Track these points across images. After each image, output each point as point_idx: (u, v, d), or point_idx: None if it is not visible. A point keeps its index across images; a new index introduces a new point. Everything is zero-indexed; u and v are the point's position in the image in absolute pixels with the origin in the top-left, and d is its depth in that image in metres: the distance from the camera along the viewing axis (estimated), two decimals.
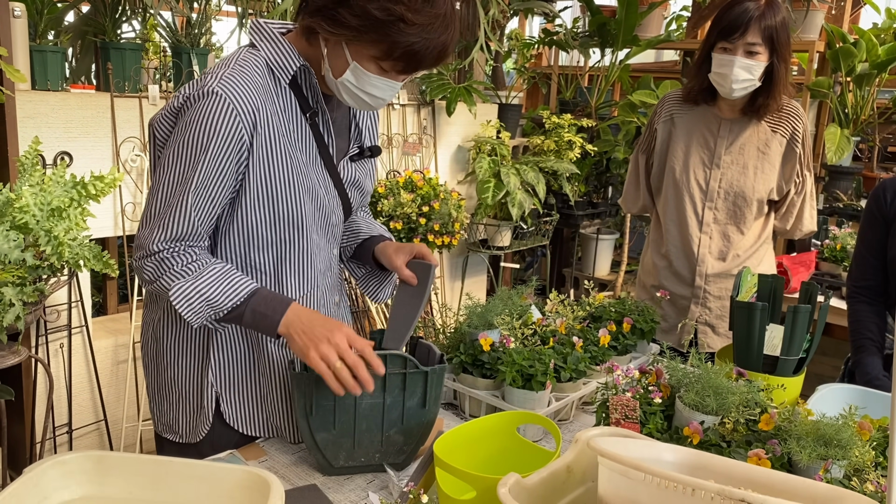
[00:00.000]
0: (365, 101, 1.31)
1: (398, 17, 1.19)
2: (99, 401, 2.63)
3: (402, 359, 1.27)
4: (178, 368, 1.43)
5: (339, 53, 1.26)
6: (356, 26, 1.20)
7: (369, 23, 1.19)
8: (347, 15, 1.20)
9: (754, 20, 1.94)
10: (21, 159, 2.13)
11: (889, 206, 1.85)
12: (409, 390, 1.29)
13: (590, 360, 1.58)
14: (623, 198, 2.40)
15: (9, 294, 1.94)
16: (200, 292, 1.25)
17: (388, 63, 1.25)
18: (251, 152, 1.27)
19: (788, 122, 2.10)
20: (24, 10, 2.33)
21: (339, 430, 1.29)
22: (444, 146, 3.73)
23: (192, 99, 1.24)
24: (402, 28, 1.19)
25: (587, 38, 4.34)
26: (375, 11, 1.18)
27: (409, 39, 1.20)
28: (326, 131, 1.38)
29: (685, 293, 2.19)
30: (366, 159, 1.47)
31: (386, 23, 1.19)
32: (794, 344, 1.51)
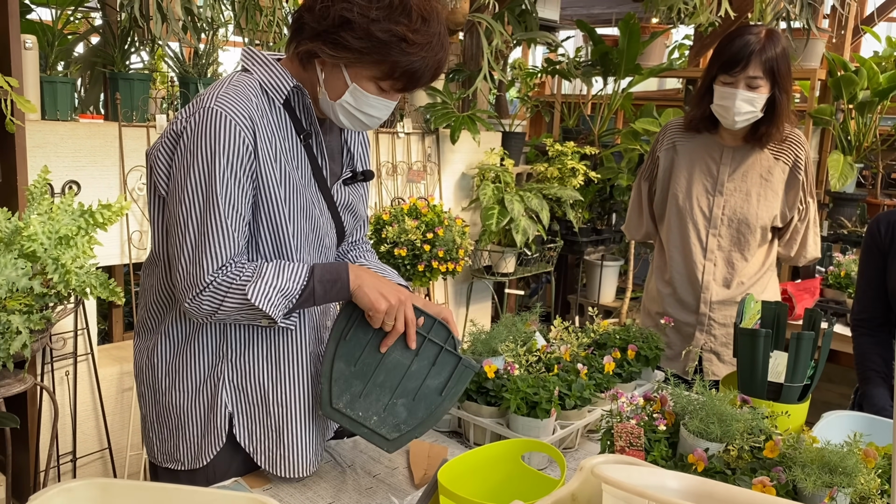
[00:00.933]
0: (361, 122, 1.34)
1: (400, 38, 1.23)
2: (103, 429, 2.63)
3: (446, 332, 1.31)
4: (184, 392, 1.42)
5: (338, 76, 1.29)
6: (359, 48, 1.24)
7: (372, 45, 1.23)
8: (350, 38, 1.23)
9: (755, 54, 1.96)
10: (30, 188, 2.15)
11: (884, 239, 1.88)
12: (436, 367, 1.31)
13: (594, 387, 1.58)
14: (626, 225, 2.41)
15: (16, 322, 1.95)
16: (273, 286, 1.27)
17: (387, 83, 1.29)
18: (256, 161, 1.28)
19: (791, 150, 2.12)
20: (35, 42, 2.37)
21: (358, 368, 1.32)
22: (449, 173, 3.76)
23: (191, 121, 1.26)
24: (404, 48, 1.24)
25: (590, 67, 4.38)
26: (378, 33, 1.22)
27: (410, 59, 1.25)
28: (320, 153, 1.39)
29: (690, 320, 2.20)
30: (358, 183, 1.48)
31: (388, 44, 1.23)
32: (798, 371, 1.51)
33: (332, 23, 1.23)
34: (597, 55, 4.31)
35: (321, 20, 1.25)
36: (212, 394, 1.40)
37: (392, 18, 1.22)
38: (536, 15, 4.18)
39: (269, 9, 2.83)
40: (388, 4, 1.22)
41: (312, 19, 1.26)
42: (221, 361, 1.39)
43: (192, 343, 1.40)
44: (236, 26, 2.89)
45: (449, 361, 1.31)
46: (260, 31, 2.88)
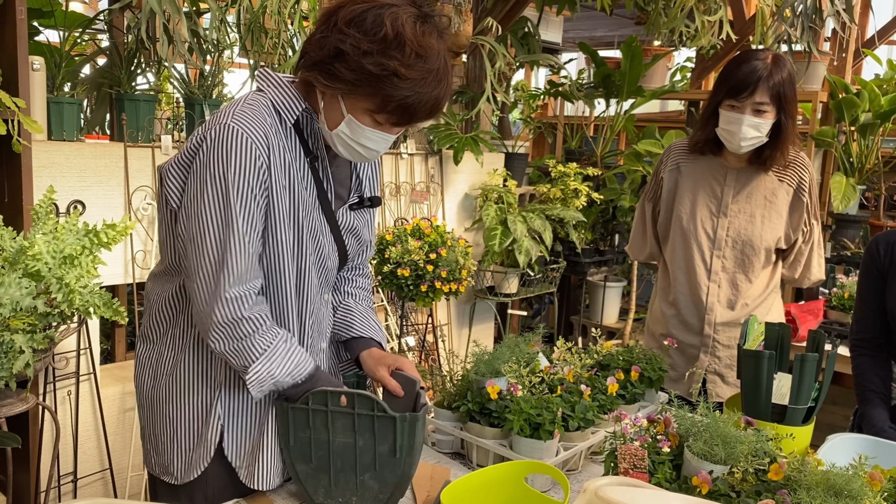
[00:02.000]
0: (359, 153, 1.35)
1: (392, 72, 1.23)
2: (105, 449, 2.62)
3: (370, 400, 1.27)
4: (181, 402, 1.42)
5: (335, 106, 1.31)
6: (351, 80, 1.25)
7: (364, 77, 1.24)
8: (343, 69, 1.24)
9: (763, 80, 1.96)
10: (35, 208, 2.16)
11: (883, 259, 1.88)
12: (378, 435, 1.28)
13: (598, 408, 1.58)
14: (630, 245, 2.41)
15: (19, 341, 1.95)
16: (272, 373, 1.31)
17: (382, 116, 1.29)
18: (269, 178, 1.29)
19: (795, 172, 2.13)
20: (42, 64, 2.40)
21: (317, 464, 1.32)
22: (452, 194, 3.77)
23: (207, 138, 1.28)
24: (396, 82, 1.23)
25: (592, 90, 4.41)
26: (370, 66, 1.22)
27: (403, 93, 1.24)
28: (325, 177, 1.41)
29: (694, 342, 2.19)
30: (365, 209, 1.49)
31: (380, 77, 1.23)
32: (802, 393, 1.50)
33: (328, 53, 1.25)
34: (599, 77, 4.34)
35: (318, 50, 1.26)
36: (207, 406, 1.40)
37: (385, 52, 1.22)
38: (539, 38, 4.22)
39: (274, 31, 2.86)
40: (381, 38, 1.22)
41: (311, 49, 1.28)
42: (219, 374, 1.40)
43: (192, 355, 1.41)
44: (241, 48, 2.92)
45: (387, 424, 1.28)
46: (265, 52, 2.91)
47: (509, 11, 3.93)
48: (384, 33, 1.22)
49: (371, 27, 1.22)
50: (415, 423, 1.28)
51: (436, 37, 1.27)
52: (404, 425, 1.27)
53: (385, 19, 1.22)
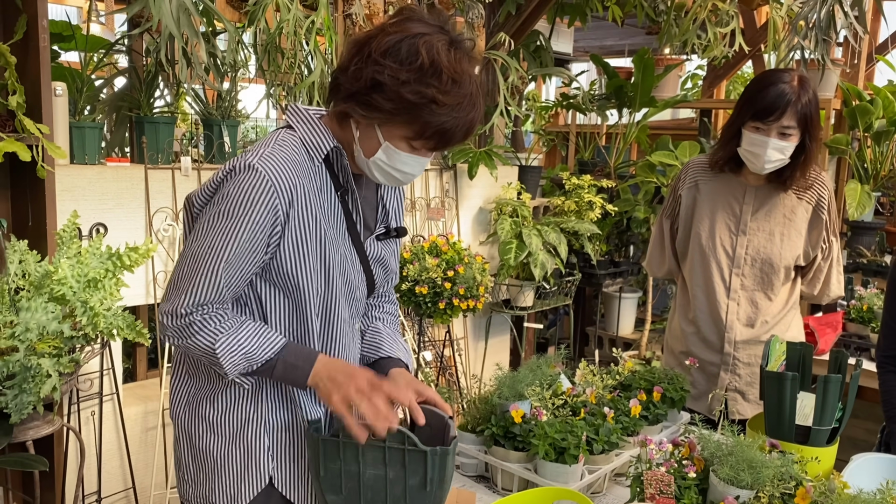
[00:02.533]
0: (395, 178, 1.36)
1: (430, 100, 1.24)
2: (128, 468, 2.65)
3: (401, 434, 1.27)
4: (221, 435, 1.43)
5: (371, 135, 1.32)
6: (390, 109, 1.26)
7: (402, 106, 1.25)
8: (381, 99, 1.25)
9: (791, 104, 1.95)
10: (60, 233, 2.20)
11: None
12: (409, 468, 1.28)
13: (622, 430, 1.58)
14: (647, 262, 2.42)
15: (46, 365, 1.97)
16: (241, 346, 1.31)
17: (419, 142, 1.30)
18: (285, 226, 1.31)
19: (814, 190, 2.13)
20: (65, 89, 2.43)
21: (347, 495, 1.32)
22: (466, 208, 3.79)
23: (233, 172, 1.30)
24: (434, 109, 1.24)
25: (604, 101, 4.42)
26: (408, 95, 1.23)
27: (441, 119, 1.25)
28: (355, 209, 1.42)
29: (714, 360, 2.19)
30: (391, 239, 1.51)
31: (418, 105, 1.24)
32: (825, 414, 1.51)
33: (365, 84, 1.26)
34: (611, 89, 4.35)
35: (354, 81, 1.27)
36: (251, 437, 1.41)
37: (422, 81, 1.23)
38: (550, 50, 4.24)
39: (290, 51, 2.89)
40: (418, 67, 1.23)
41: (346, 80, 1.29)
42: (260, 404, 1.41)
43: (231, 387, 1.42)
44: (258, 69, 2.95)
45: (417, 457, 1.27)
46: (282, 73, 2.94)
47: (521, 25, 3.95)
48: (420, 62, 1.23)
49: (407, 56, 1.24)
50: (445, 457, 1.28)
51: (467, 61, 1.28)
52: (435, 459, 1.27)
53: (420, 48, 1.24)
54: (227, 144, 2.82)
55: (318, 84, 2.79)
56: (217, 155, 2.82)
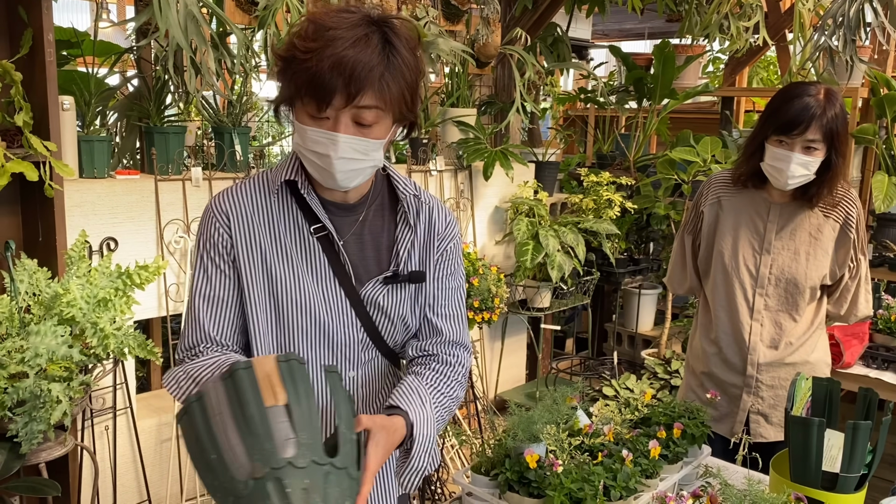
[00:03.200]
0: (317, 164, 1.23)
1: (292, 49, 1.18)
2: (143, 481, 2.64)
3: None
4: None
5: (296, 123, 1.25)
6: (278, 74, 1.22)
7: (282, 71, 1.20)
8: (284, 80, 1.21)
9: (816, 118, 1.88)
10: (69, 252, 2.17)
11: None
12: None
13: (640, 472, 1.54)
14: (668, 278, 2.35)
15: (56, 390, 1.96)
16: (188, 372, 1.26)
17: (305, 101, 1.18)
18: (236, 258, 1.31)
19: (842, 208, 2.05)
20: (72, 103, 2.39)
21: None
22: (482, 208, 3.73)
23: None
24: (298, 56, 1.17)
25: (624, 94, 4.32)
26: (281, 53, 1.20)
27: (305, 65, 1.16)
28: (339, 249, 1.32)
29: (736, 381, 2.13)
30: (406, 284, 1.37)
31: (289, 60, 1.18)
32: (854, 461, 1.45)
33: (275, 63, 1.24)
34: (631, 81, 4.25)
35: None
36: None
37: (291, 37, 1.19)
38: (568, 42, 4.13)
39: None
40: (302, 26, 1.19)
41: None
42: None
43: None
44: (269, 72, 2.89)
45: None
46: None
47: (538, 19, 3.86)
48: (307, 26, 1.18)
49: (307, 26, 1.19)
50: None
51: (351, 9, 1.20)
52: None
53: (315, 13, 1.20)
54: (238, 153, 2.78)
55: None
56: (228, 164, 2.78)
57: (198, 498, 2.77)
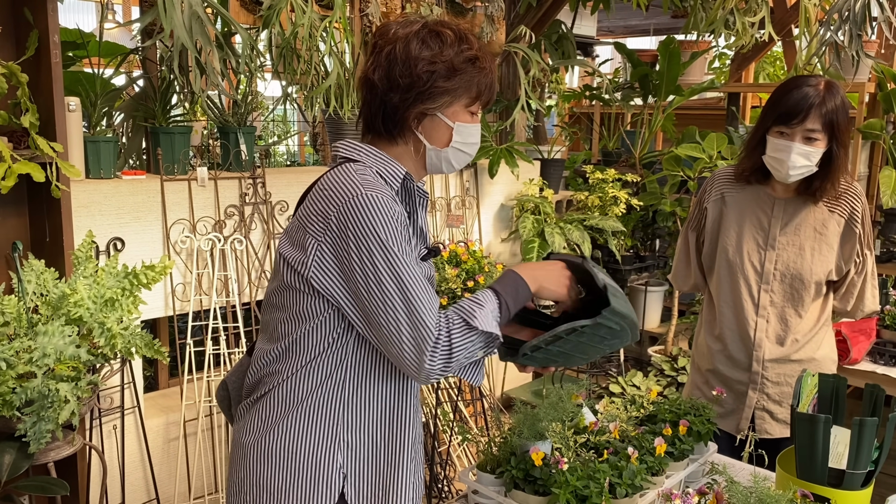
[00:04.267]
0: (467, 154, 1.46)
1: (473, 59, 1.37)
2: (151, 479, 2.66)
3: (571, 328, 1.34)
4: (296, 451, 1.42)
5: (438, 126, 1.40)
6: (451, 87, 1.36)
7: (459, 76, 1.36)
8: (441, 83, 1.36)
9: (815, 107, 1.88)
10: (76, 253, 2.18)
11: None
12: (595, 332, 1.36)
13: (646, 470, 1.53)
14: (673, 275, 2.35)
15: (63, 390, 1.97)
16: (486, 311, 1.32)
17: (476, 105, 1.41)
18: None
19: (846, 203, 2.04)
20: (78, 104, 2.40)
21: (563, 360, 1.44)
22: (488, 205, 3.73)
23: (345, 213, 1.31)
24: (478, 65, 1.38)
25: (629, 90, 4.31)
26: (460, 65, 1.36)
27: (485, 73, 1.39)
28: (416, 233, 1.47)
29: (742, 378, 2.13)
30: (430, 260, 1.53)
31: (468, 70, 1.37)
32: (861, 457, 1.45)
33: (422, 81, 1.35)
34: (636, 77, 4.24)
35: (411, 87, 1.36)
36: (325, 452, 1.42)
37: (460, 49, 1.36)
38: (573, 39, 4.13)
39: (307, 53, 2.83)
40: (451, 41, 1.36)
41: (401, 92, 1.36)
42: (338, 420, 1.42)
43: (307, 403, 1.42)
44: (274, 73, 2.90)
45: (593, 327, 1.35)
46: (298, 76, 2.88)
47: (542, 16, 3.85)
48: (448, 38, 1.36)
49: (434, 41, 1.36)
50: (613, 311, 1.34)
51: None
52: (606, 318, 1.34)
53: (436, 29, 1.37)
54: (243, 152, 2.78)
55: (335, 88, 2.73)
56: (234, 163, 2.78)
57: (205, 497, 2.79)
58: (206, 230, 2.71)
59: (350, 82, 2.83)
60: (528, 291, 1.39)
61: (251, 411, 1.50)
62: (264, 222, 2.85)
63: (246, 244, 2.80)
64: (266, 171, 2.87)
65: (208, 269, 2.71)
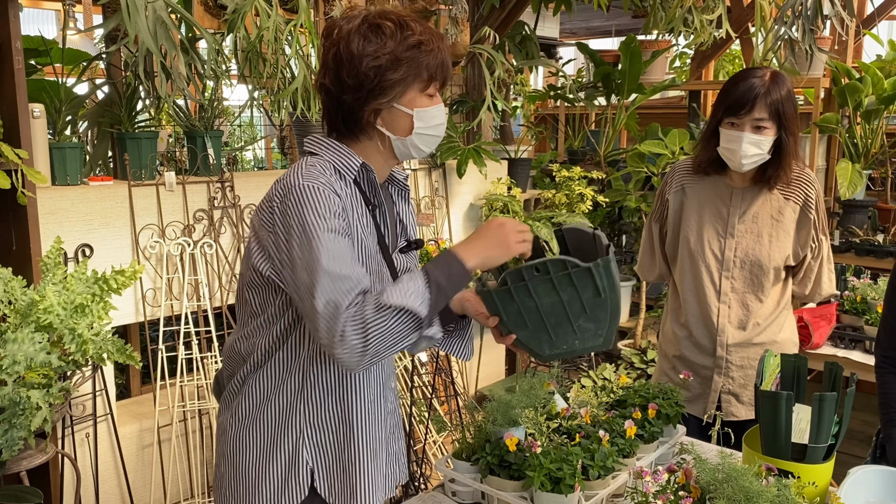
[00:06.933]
0: (436, 137, 1.46)
1: (418, 44, 1.38)
2: (126, 487, 2.64)
3: (561, 262, 1.34)
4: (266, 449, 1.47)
5: (397, 116, 1.42)
6: (401, 77, 1.38)
7: (406, 66, 1.37)
8: (390, 75, 1.37)
9: (760, 97, 1.96)
10: (44, 259, 2.16)
11: None
12: (580, 286, 1.36)
13: (617, 452, 1.58)
14: (639, 266, 2.40)
15: (35, 397, 1.95)
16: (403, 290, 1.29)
17: (432, 87, 1.42)
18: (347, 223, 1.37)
19: (801, 189, 2.11)
20: (42, 111, 2.39)
21: (533, 327, 1.42)
22: (457, 205, 3.76)
23: (287, 202, 1.34)
24: (424, 49, 1.38)
25: (592, 90, 4.37)
26: (404, 54, 1.37)
27: (434, 54, 1.39)
28: (383, 223, 1.48)
29: (707, 363, 2.19)
30: (412, 252, 1.55)
31: (415, 56, 1.38)
32: (822, 432, 1.50)
33: (370, 78, 1.37)
34: (599, 77, 4.31)
35: (360, 86, 1.37)
36: (291, 449, 1.45)
37: (403, 38, 1.37)
38: (536, 40, 4.18)
39: (272, 57, 2.84)
40: (391, 31, 1.37)
41: (352, 92, 1.38)
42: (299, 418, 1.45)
43: (271, 401, 1.47)
44: (240, 77, 2.90)
45: (584, 274, 1.34)
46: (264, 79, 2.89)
47: (506, 18, 3.90)
48: (388, 29, 1.37)
49: (376, 34, 1.37)
50: (608, 265, 1.35)
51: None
52: (599, 270, 1.34)
53: (376, 22, 1.38)
54: (211, 156, 2.78)
55: (301, 90, 2.75)
56: (202, 167, 2.78)
57: (181, 502, 2.77)
58: (176, 235, 2.70)
59: None
60: (463, 267, 1.35)
61: (230, 407, 1.53)
62: (234, 226, 2.85)
63: (216, 248, 2.79)
64: (234, 174, 2.87)
65: (178, 274, 2.70)
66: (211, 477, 2.82)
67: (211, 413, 2.79)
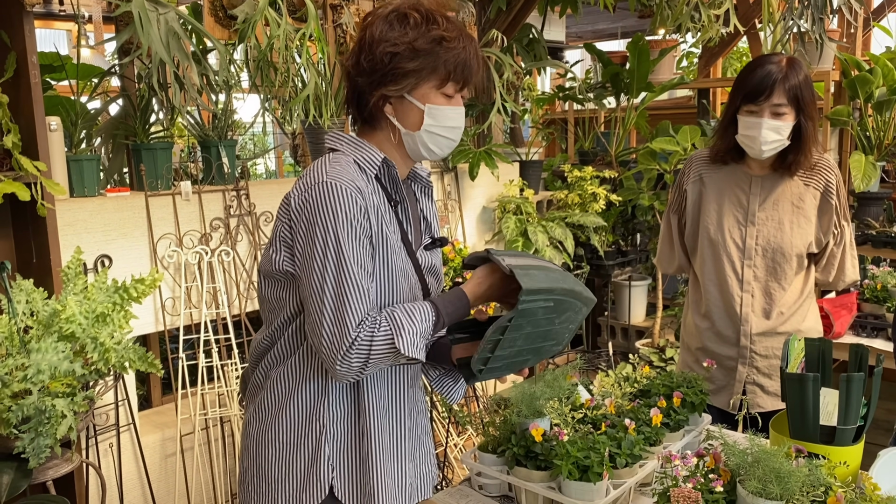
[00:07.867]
0: (448, 139, 1.43)
1: (439, 39, 1.36)
2: (150, 497, 2.64)
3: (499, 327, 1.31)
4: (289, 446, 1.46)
5: (409, 108, 1.40)
6: (415, 68, 1.36)
7: (422, 57, 1.36)
8: (404, 63, 1.36)
9: (779, 82, 1.95)
10: (65, 269, 2.18)
11: None
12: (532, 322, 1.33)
13: (643, 440, 1.57)
14: (658, 258, 2.39)
15: (60, 406, 1.97)
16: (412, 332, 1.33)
17: (450, 86, 1.39)
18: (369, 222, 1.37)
19: (821, 175, 2.10)
20: (59, 124, 2.42)
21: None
22: (470, 208, 3.77)
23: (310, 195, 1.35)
24: (446, 45, 1.37)
25: (601, 90, 4.38)
26: (423, 45, 1.36)
27: (456, 52, 1.37)
28: (406, 219, 1.48)
29: (731, 353, 2.17)
30: (436, 249, 1.55)
31: (434, 50, 1.36)
32: (850, 413, 1.49)
33: (383, 63, 1.36)
34: (607, 77, 4.31)
35: (373, 70, 1.37)
36: (314, 447, 1.45)
37: (426, 30, 1.36)
38: (543, 41, 4.20)
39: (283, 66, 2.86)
40: (416, 23, 1.36)
41: (366, 75, 1.38)
42: (323, 415, 1.44)
43: (294, 398, 1.46)
44: (252, 85, 2.92)
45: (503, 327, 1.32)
46: (276, 87, 2.91)
47: (513, 20, 3.91)
48: (414, 19, 1.37)
49: (400, 23, 1.37)
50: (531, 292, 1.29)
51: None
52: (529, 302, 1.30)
53: (405, 12, 1.37)
54: (225, 165, 2.80)
55: (313, 97, 2.76)
56: (217, 176, 2.80)
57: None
58: (193, 244, 2.72)
59: (328, 92, 2.86)
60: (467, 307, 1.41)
61: (254, 400, 1.54)
62: (250, 233, 2.87)
63: (233, 256, 2.81)
64: (249, 182, 2.89)
65: (197, 283, 2.72)
66: (234, 485, 2.83)
67: (233, 420, 2.80)
